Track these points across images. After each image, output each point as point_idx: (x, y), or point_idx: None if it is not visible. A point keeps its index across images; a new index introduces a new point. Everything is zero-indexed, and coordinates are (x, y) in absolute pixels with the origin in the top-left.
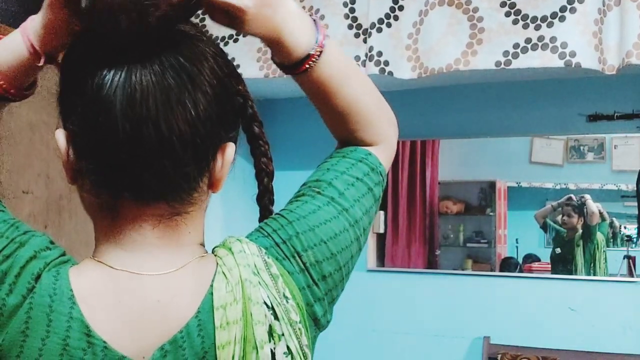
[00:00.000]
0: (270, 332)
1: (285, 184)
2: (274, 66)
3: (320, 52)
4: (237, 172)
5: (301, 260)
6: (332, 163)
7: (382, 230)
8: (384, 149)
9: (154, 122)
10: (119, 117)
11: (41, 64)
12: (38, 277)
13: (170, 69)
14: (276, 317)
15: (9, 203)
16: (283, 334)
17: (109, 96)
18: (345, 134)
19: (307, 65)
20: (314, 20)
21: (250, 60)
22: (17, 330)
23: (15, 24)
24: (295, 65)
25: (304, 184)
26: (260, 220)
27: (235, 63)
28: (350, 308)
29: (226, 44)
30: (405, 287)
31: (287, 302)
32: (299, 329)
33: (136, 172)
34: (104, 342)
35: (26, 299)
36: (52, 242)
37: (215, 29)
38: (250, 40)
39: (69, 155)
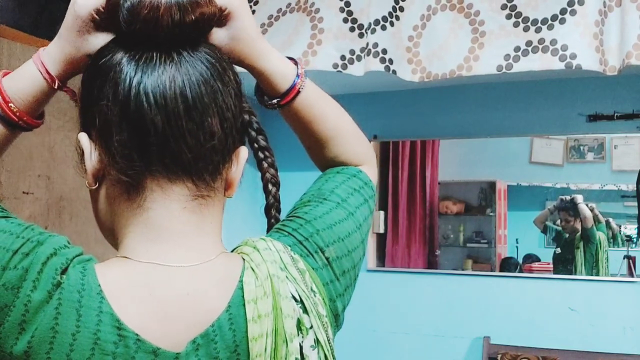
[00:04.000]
0: (299, 326)
1: (284, 183)
2: None
3: (304, 82)
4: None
5: (324, 256)
6: (329, 176)
7: (382, 230)
8: (368, 169)
9: (183, 97)
10: (150, 93)
11: (56, 87)
12: (63, 272)
13: (200, 59)
14: (305, 311)
15: (9, 204)
16: (312, 327)
17: (139, 75)
18: (331, 159)
19: (297, 91)
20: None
21: None
22: (47, 327)
23: (12, 23)
24: (286, 93)
25: (305, 194)
26: (268, 230)
27: None
28: (350, 308)
29: None
30: (405, 287)
31: (315, 296)
32: (325, 322)
33: (169, 141)
34: (136, 334)
35: (53, 295)
36: (69, 242)
37: None
38: None
39: (92, 155)
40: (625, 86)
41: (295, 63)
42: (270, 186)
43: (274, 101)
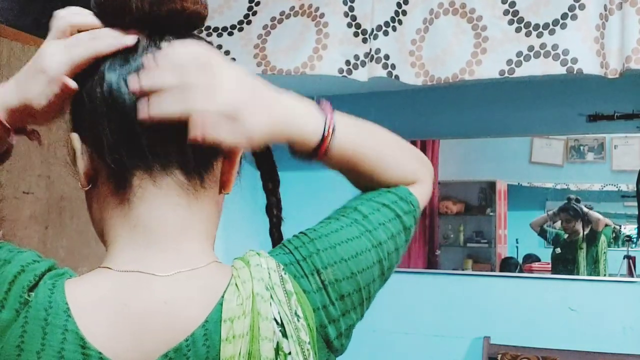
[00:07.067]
0: (277, 350)
1: (284, 183)
2: (272, 62)
3: (333, 129)
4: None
5: (320, 278)
6: (362, 193)
7: None
8: (417, 186)
9: None
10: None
11: (12, 140)
12: (31, 289)
13: (187, 46)
14: (285, 335)
15: (9, 204)
16: (290, 353)
17: (123, 65)
18: (373, 187)
19: (326, 147)
20: (317, 102)
21: (247, 56)
22: (13, 344)
23: (12, 23)
24: (315, 151)
25: (340, 207)
26: (270, 230)
27: (230, 57)
28: None
29: (219, 35)
30: (405, 287)
31: (298, 320)
32: (307, 349)
33: (157, 129)
34: (100, 353)
35: (20, 313)
36: (39, 256)
37: (209, 20)
38: (247, 34)
39: (83, 155)
40: (625, 86)
41: (323, 112)
42: (272, 210)
43: (318, 152)
